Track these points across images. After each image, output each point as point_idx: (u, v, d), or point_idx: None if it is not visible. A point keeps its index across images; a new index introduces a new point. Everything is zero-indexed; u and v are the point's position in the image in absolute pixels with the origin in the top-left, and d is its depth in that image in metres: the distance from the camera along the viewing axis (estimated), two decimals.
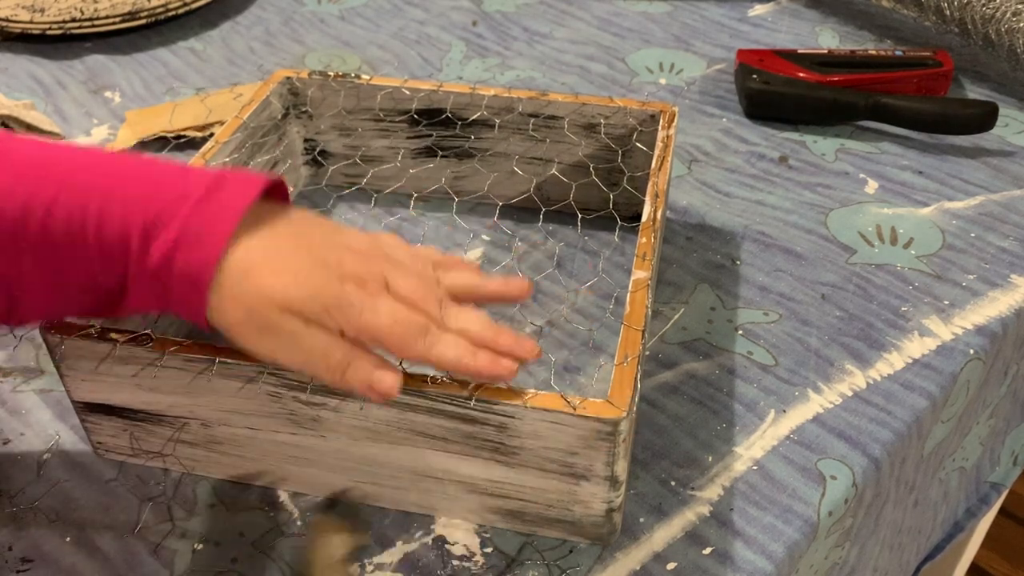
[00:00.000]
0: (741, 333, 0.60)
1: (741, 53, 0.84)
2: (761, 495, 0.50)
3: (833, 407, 0.55)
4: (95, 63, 0.91)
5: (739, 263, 0.65)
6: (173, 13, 0.95)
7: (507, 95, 0.66)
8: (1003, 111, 0.80)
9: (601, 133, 0.65)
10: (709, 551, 0.48)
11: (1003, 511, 1.42)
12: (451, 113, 0.67)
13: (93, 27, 0.92)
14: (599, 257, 0.66)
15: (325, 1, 1.03)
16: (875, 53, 0.84)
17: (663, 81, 0.87)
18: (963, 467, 0.72)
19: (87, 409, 0.51)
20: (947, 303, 0.62)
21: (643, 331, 0.46)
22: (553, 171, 0.68)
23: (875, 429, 0.54)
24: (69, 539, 0.49)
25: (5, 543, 0.49)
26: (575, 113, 0.65)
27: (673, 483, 0.51)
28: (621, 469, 0.44)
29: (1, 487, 0.51)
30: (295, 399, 0.46)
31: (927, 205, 0.71)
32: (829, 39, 0.93)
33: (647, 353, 0.58)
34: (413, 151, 0.70)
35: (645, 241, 0.52)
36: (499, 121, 0.67)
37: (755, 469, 0.52)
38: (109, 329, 0.47)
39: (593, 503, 0.46)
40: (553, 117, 0.66)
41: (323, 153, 0.72)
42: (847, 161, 0.76)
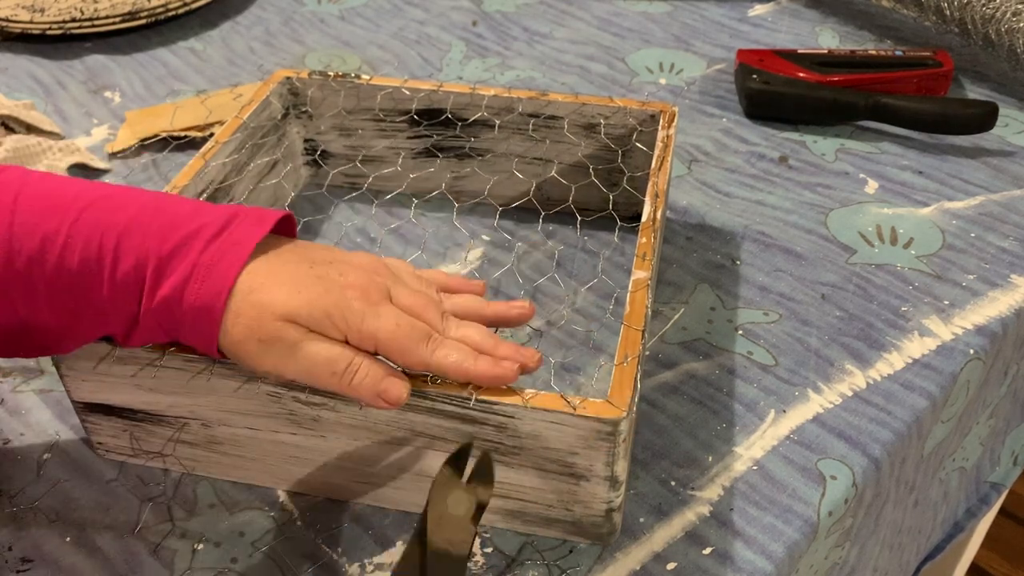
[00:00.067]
0: (741, 333, 0.60)
1: (741, 53, 0.84)
2: (761, 495, 0.50)
3: (833, 407, 0.55)
4: (95, 63, 0.91)
5: (739, 263, 0.65)
6: (173, 13, 0.95)
7: (507, 95, 0.65)
8: (1003, 111, 0.80)
9: (601, 133, 0.65)
10: (709, 551, 0.48)
11: (1003, 511, 1.42)
12: (451, 113, 0.67)
13: (93, 27, 0.92)
14: (599, 257, 0.66)
15: (325, 1, 1.03)
16: (875, 53, 0.84)
17: (663, 81, 0.87)
18: (963, 467, 0.72)
19: (87, 409, 0.51)
20: (947, 303, 0.62)
21: (643, 331, 0.46)
22: (553, 171, 0.68)
23: (875, 429, 0.54)
24: (69, 539, 0.49)
25: (5, 543, 0.49)
26: (575, 113, 0.65)
27: (673, 483, 0.51)
28: (621, 469, 0.44)
29: (1, 487, 0.51)
30: (295, 399, 0.46)
31: (927, 205, 0.71)
32: (829, 39, 0.93)
33: (647, 353, 0.58)
34: (413, 152, 0.70)
35: (645, 241, 0.52)
36: (499, 121, 0.67)
37: (755, 469, 0.52)
38: None
39: (593, 503, 0.46)
40: (553, 117, 0.66)
41: (323, 154, 0.72)
42: (847, 161, 0.76)
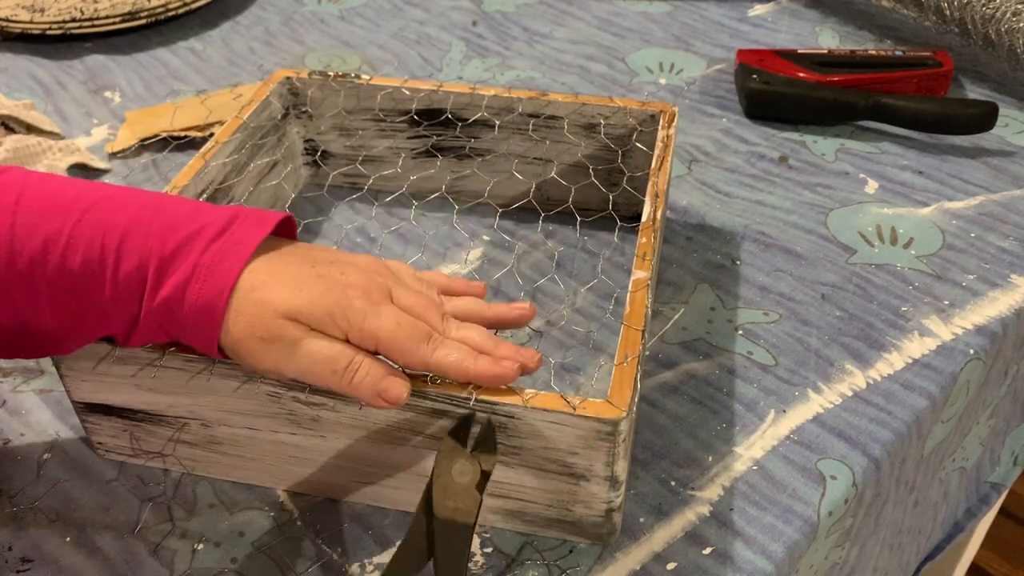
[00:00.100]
0: (741, 333, 0.60)
1: (741, 53, 0.84)
2: (761, 495, 0.50)
3: (833, 407, 0.55)
4: (95, 63, 0.91)
5: (739, 263, 0.65)
6: (173, 13, 0.95)
7: (507, 95, 0.65)
8: (1003, 111, 0.80)
9: (601, 133, 0.65)
10: (709, 551, 0.48)
11: (1003, 511, 1.42)
12: (451, 114, 0.67)
13: (93, 27, 0.92)
14: (599, 257, 0.66)
15: (325, 1, 1.03)
16: (875, 53, 0.84)
17: (663, 81, 0.87)
18: (963, 467, 0.72)
19: (87, 409, 0.51)
20: (947, 303, 0.62)
21: (643, 331, 0.46)
22: (553, 172, 0.68)
23: (875, 429, 0.54)
24: (69, 539, 0.49)
25: (5, 543, 0.49)
26: (575, 113, 0.65)
27: (673, 483, 0.51)
28: (621, 469, 0.44)
29: (1, 487, 0.51)
30: (294, 399, 0.46)
31: (927, 205, 0.71)
32: (829, 39, 0.93)
33: (647, 353, 0.58)
34: (414, 152, 0.70)
35: (645, 241, 0.52)
36: (499, 121, 0.67)
37: (755, 469, 0.52)
38: None
39: (593, 503, 0.46)
40: (553, 117, 0.66)
41: (324, 155, 0.72)
42: (847, 161, 0.76)
